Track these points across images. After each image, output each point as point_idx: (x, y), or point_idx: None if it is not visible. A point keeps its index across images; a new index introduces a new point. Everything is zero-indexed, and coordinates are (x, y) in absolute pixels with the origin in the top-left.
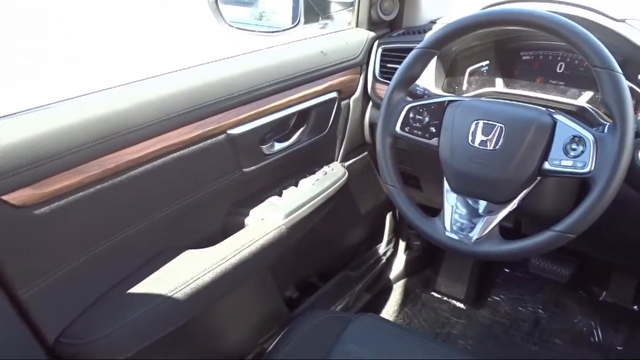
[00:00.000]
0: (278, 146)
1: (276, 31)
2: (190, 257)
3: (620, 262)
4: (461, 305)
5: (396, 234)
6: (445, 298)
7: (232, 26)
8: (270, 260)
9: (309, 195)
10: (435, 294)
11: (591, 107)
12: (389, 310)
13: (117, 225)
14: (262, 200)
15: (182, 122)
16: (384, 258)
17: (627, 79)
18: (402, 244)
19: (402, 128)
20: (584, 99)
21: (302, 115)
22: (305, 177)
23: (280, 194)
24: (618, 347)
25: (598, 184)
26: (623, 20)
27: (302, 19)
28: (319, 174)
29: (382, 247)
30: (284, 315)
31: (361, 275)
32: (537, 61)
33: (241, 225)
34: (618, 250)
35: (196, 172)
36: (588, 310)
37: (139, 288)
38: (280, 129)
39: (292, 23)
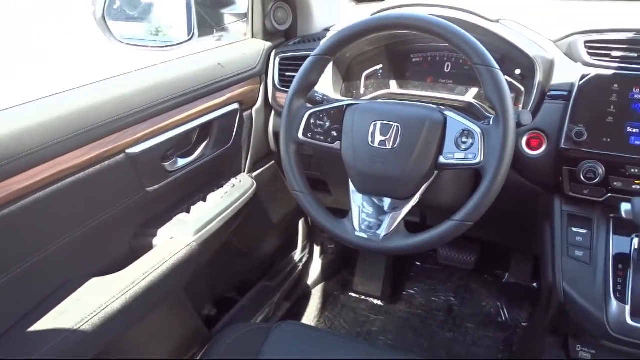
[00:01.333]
0: (182, 162)
1: (170, 45)
2: (97, 284)
3: (516, 244)
4: (379, 303)
5: (310, 240)
6: (363, 297)
7: (122, 42)
8: (183, 279)
9: (218, 209)
10: (353, 295)
11: (477, 102)
12: (310, 316)
13: (11, 260)
14: (170, 219)
15: (76, 144)
16: (300, 264)
17: (506, 74)
18: (317, 249)
19: (304, 134)
20: (470, 95)
21: (204, 129)
22: (213, 191)
23: (188, 211)
24: (523, 324)
25: (488, 173)
26: (497, 21)
27: (196, 32)
28: (227, 187)
29: (297, 254)
30: (204, 334)
31: (279, 284)
32: (426, 62)
33: (149, 247)
34: (513, 233)
35: (96, 196)
36: (494, 292)
37: (42, 324)
38: (183, 145)
39: (187, 37)
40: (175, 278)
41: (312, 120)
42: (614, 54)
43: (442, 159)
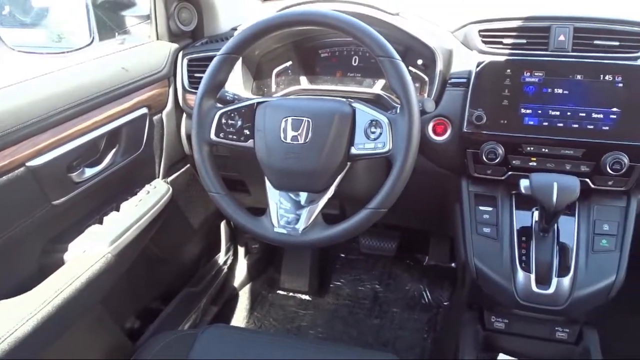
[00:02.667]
0: (90, 172)
1: (68, 51)
2: (4, 307)
3: (433, 227)
4: (307, 297)
5: (234, 241)
6: (291, 294)
7: (14, 49)
8: (100, 293)
9: (133, 217)
10: (281, 292)
11: (384, 93)
12: (239, 318)
13: None
14: (81, 232)
15: None
16: (225, 267)
17: (409, 65)
18: (241, 250)
19: (216, 134)
20: (378, 87)
21: (113, 136)
22: (127, 199)
23: (101, 222)
24: (445, 303)
25: (397, 160)
26: (397, 14)
27: (97, 36)
28: (141, 194)
29: (221, 257)
30: (127, 348)
31: (204, 288)
32: (335, 57)
33: (60, 263)
34: (428, 217)
35: None
36: (416, 275)
37: None
38: (90, 153)
39: (87, 41)
40: (92, 293)
41: (223, 120)
42: (506, 41)
43: (353, 150)
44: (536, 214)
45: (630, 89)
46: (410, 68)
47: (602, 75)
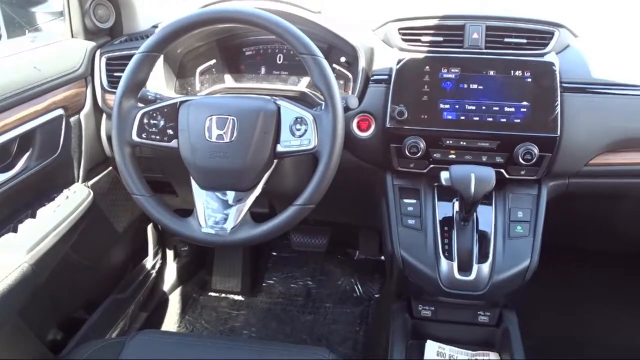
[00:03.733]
0: (1, 177)
1: None
2: None
3: (362, 222)
4: (240, 298)
5: (162, 244)
6: (223, 295)
7: None
8: (17, 305)
9: (51, 224)
10: (213, 294)
11: (310, 90)
12: (170, 322)
13: None
14: None
15: None
16: (154, 271)
17: (334, 62)
18: (170, 253)
19: (138, 135)
20: (303, 85)
21: (25, 139)
22: (44, 205)
23: (15, 230)
24: (376, 295)
25: (323, 157)
26: (319, 12)
27: (4, 33)
28: (59, 199)
29: (149, 261)
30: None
31: (132, 294)
32: (259, 55)
33: None
34: (357, 211)
35: None
36: (347, 270)
37: None
38: (1, 158)
39: None
40: (7, 305)
41: (145, 120)
42: (424, 38)
43: (279, 147)
44: (457, 204)
45: (538, 83)
46: (334, 66)
47: (512, 71)
